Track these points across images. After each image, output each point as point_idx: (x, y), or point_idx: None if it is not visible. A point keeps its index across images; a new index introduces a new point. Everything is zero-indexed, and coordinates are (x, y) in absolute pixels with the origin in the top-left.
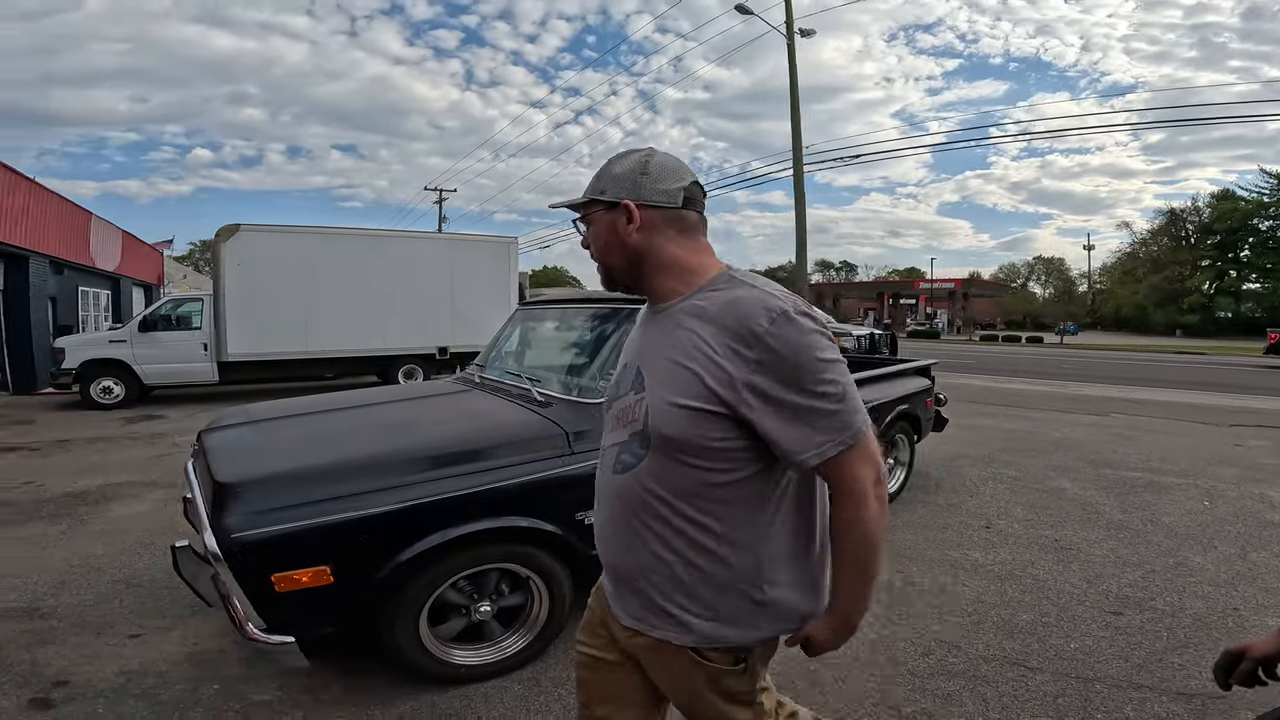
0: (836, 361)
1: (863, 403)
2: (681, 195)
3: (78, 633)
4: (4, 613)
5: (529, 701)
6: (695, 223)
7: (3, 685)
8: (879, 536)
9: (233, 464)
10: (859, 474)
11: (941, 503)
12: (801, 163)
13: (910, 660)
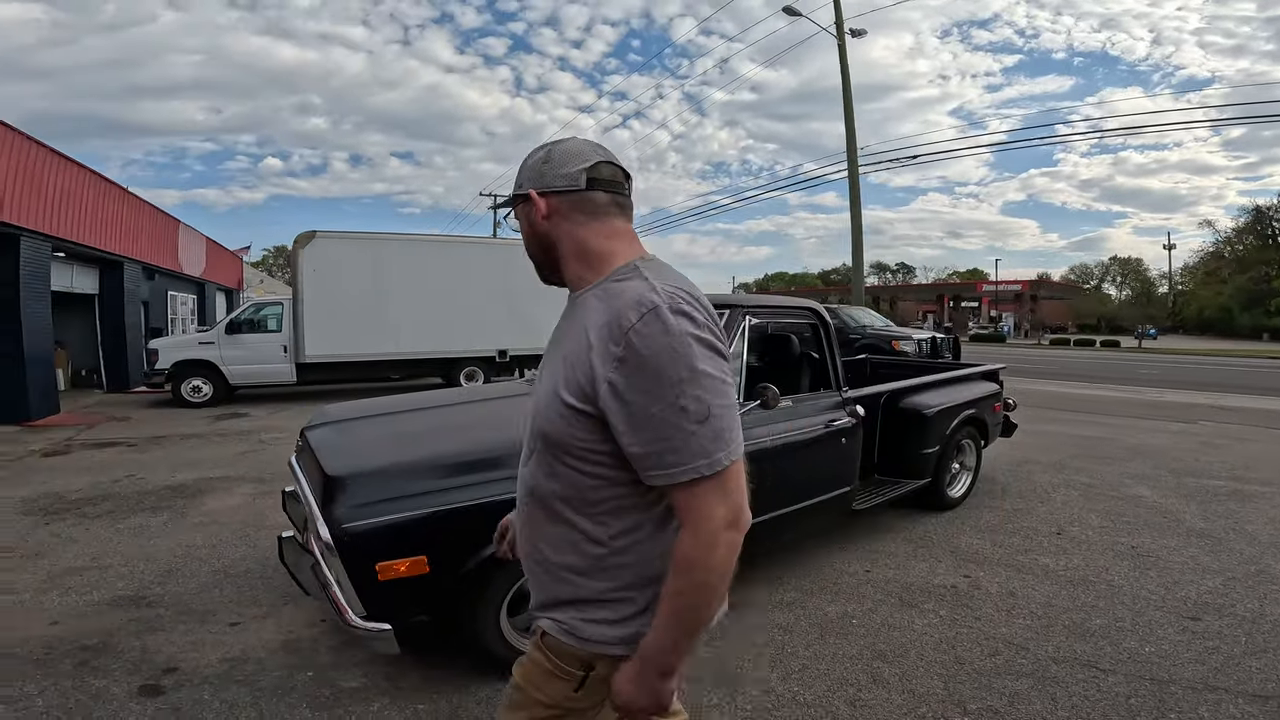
0: (710, 376)
1: (739, 432)
2: (584, 177)
3: (183, 620)
4: (115, 601)
5: None
6: (604, 204)
7: (114, 672)
8: (717, 585)
9: (339, 459)
10: (710, 510)
11: (1009, 508)
12: (856, 165)
13: (976, 660)
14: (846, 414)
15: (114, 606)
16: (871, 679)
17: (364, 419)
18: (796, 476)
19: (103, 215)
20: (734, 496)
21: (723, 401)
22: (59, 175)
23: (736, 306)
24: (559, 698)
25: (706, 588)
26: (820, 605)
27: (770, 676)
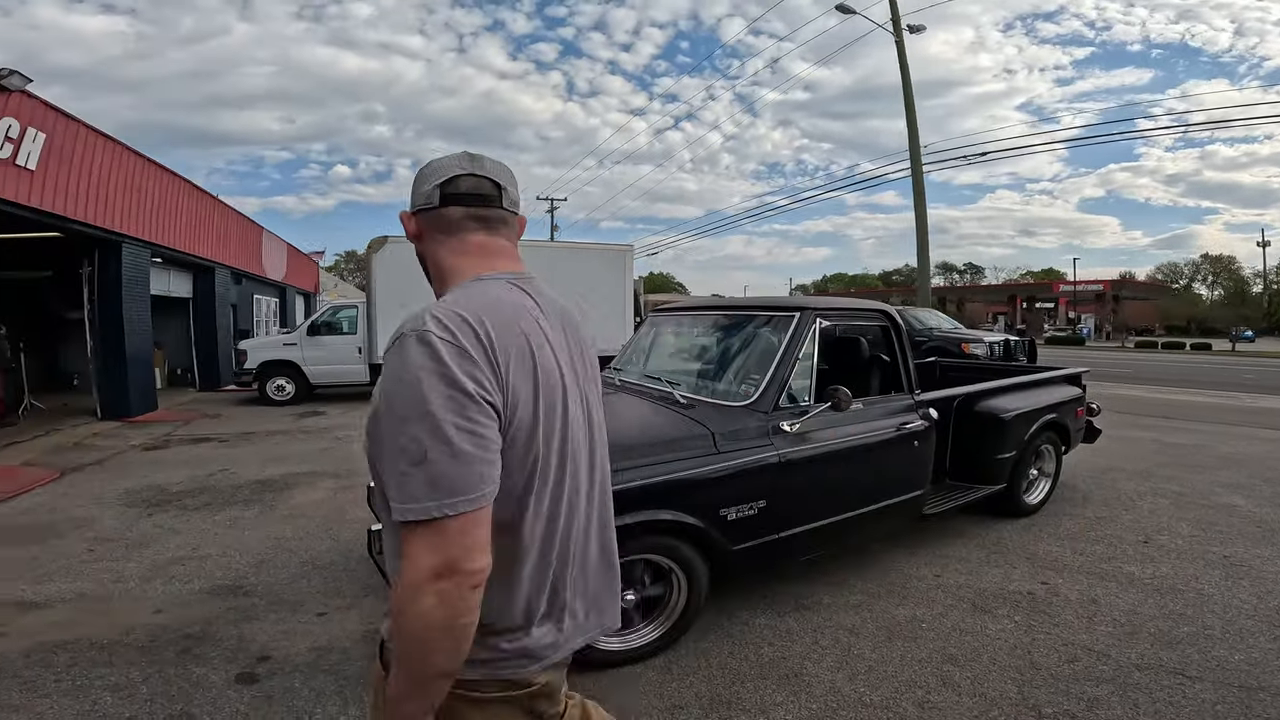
0: (436, 418)
1: (472, 481)
2: (437, 194)
3: (275, 610)
4: (214, 590)
5: (662, 687)
6: (459, 219)
7: (213, 660)
8: (426, 636)
9: None
10: (416, 559)
11: (1091, 515)
12: (920, 162)
13: (1052, 665)
14: (919, 417)
15: (213, 595)
16: (941, 682)
17: None
18: (866, 479)
19: (196, 222)
20: (449, 550)
21: (445, 448)
22: (157, 184)
23: (807, 309)
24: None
25: (413, 637)
26: (888, 609)
27: (836, 677)
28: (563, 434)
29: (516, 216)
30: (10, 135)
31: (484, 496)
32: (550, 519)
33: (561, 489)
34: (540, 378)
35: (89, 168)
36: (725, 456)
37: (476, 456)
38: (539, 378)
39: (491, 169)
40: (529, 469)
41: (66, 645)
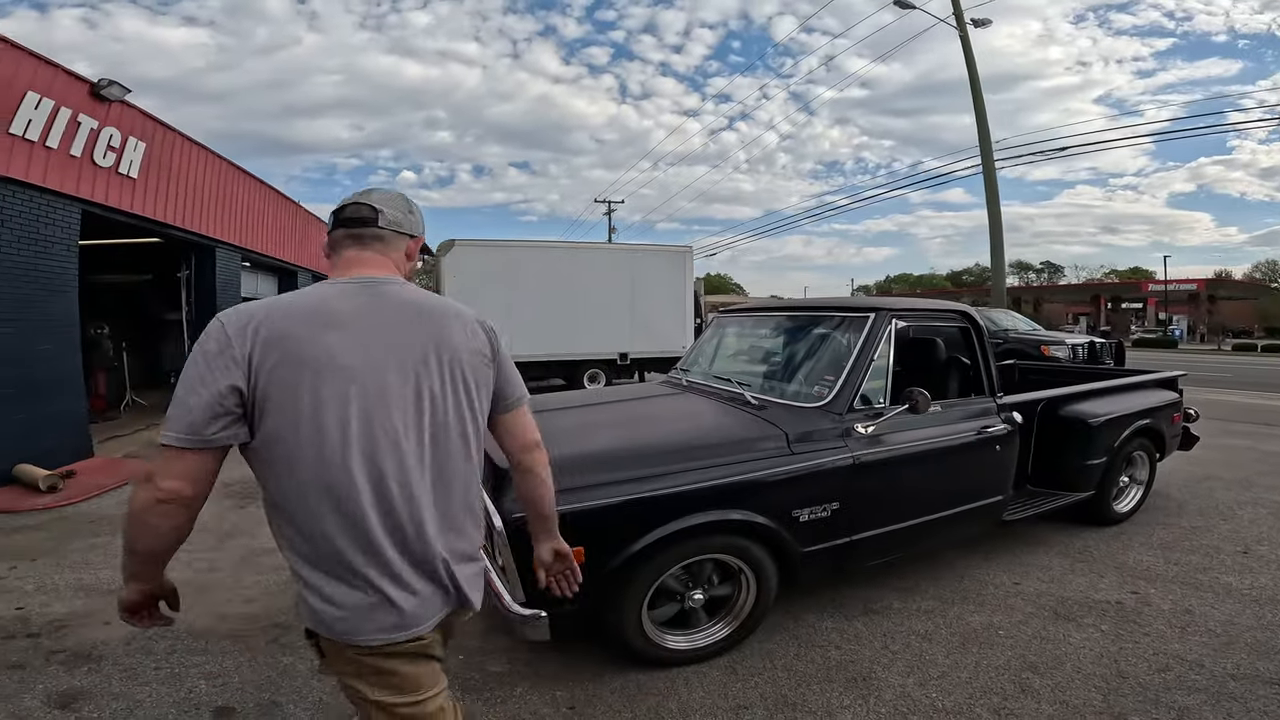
0: (187, 372)
1: (184, 423)
2: (332, 219)
3: None
4: (283, 586)
5: (727, 688)
6: (340, 240)
7: (299, 650)
8: (128, 524)
9: None
10: (147, 466)
11: (1186, 525)
12: (992, 158)
13: (1141, 674)
14: (1002, 420)
15: (283, 593)
16: (1019, 689)
17: None
18: (943, 483)
19: (280, 228)
20: (159, 466)
21: (182, 393)
22: (245, 191)
23: (882, 310)
24: None
25: (128, 519)
26: (962, 615)
27: (906, 682)
28: (314, 407)
29: (400, 235)
30: (112, 144)
31: (182, 439)
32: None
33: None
34: (285, 359)
35: (185, 175)
36: (798, 458)
37: (192, 406)
38: (286, 359)
39: (376, 198)
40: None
41: (166, 633)
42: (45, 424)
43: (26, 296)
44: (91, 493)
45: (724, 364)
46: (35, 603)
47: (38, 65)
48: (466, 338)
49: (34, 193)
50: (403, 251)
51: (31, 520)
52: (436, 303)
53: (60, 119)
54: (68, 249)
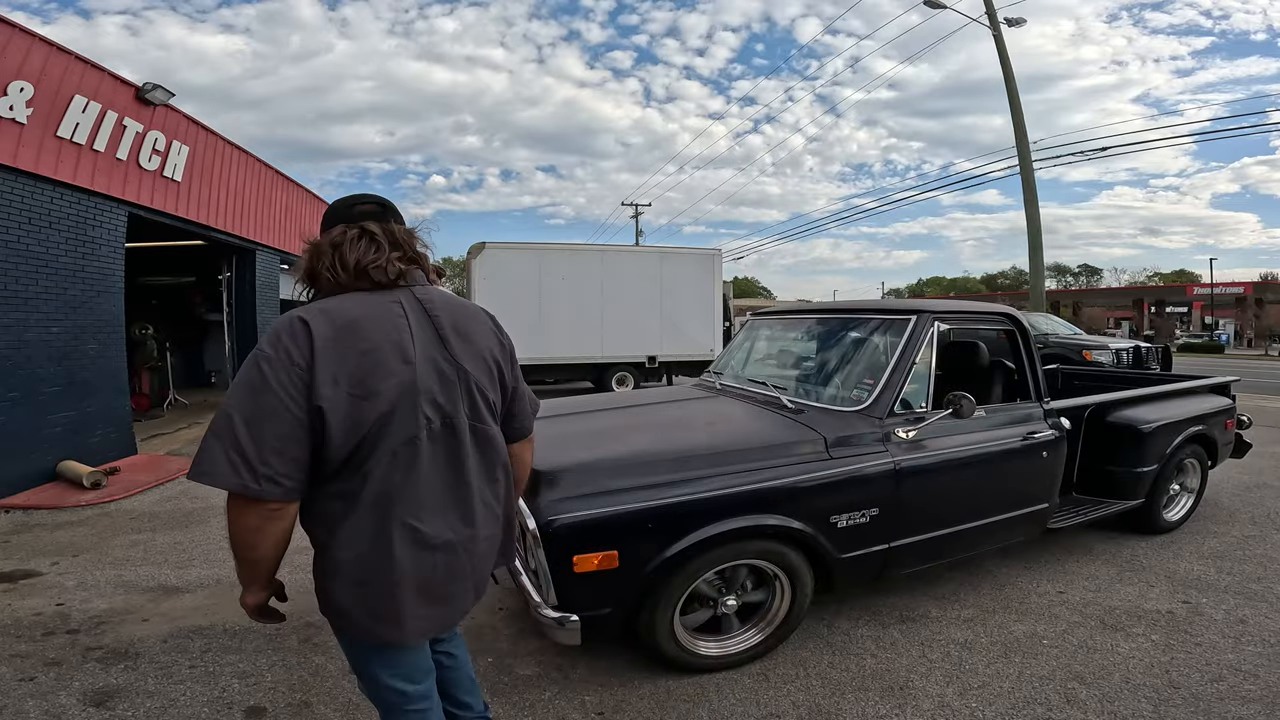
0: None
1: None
2: None
3: None
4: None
5: (758, 695)
6: None
7: (331, 649)
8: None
9: (544, 453)
10: None
11: (1238, 534)
12: (1029, 158)
13: (1193, 685)
14: (1049, 426)
15: (308, 593)
16: (1065, 699)
17: (559, 417)
18: (987, 490)
19: (318, 230)
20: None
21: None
22: (284, 194)
23: (924, 312)
24: None
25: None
26: (1004, 624)
27: (945, 691)
28: None
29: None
30: (157, 148)
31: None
32: None
33: None
34: None
35: (226, 179)
36: (837, 462)
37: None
38: None
39: None
40: None
41: (202, 631)
42: (90, 422)
43: (74, 297)
44: (134, 490)
45: (758, 367)
46: (76, 599)
47: (85, 69)
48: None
49: (81, 195)
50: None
51: (75, 516)
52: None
53: (107, 122)
54: (114, 251)
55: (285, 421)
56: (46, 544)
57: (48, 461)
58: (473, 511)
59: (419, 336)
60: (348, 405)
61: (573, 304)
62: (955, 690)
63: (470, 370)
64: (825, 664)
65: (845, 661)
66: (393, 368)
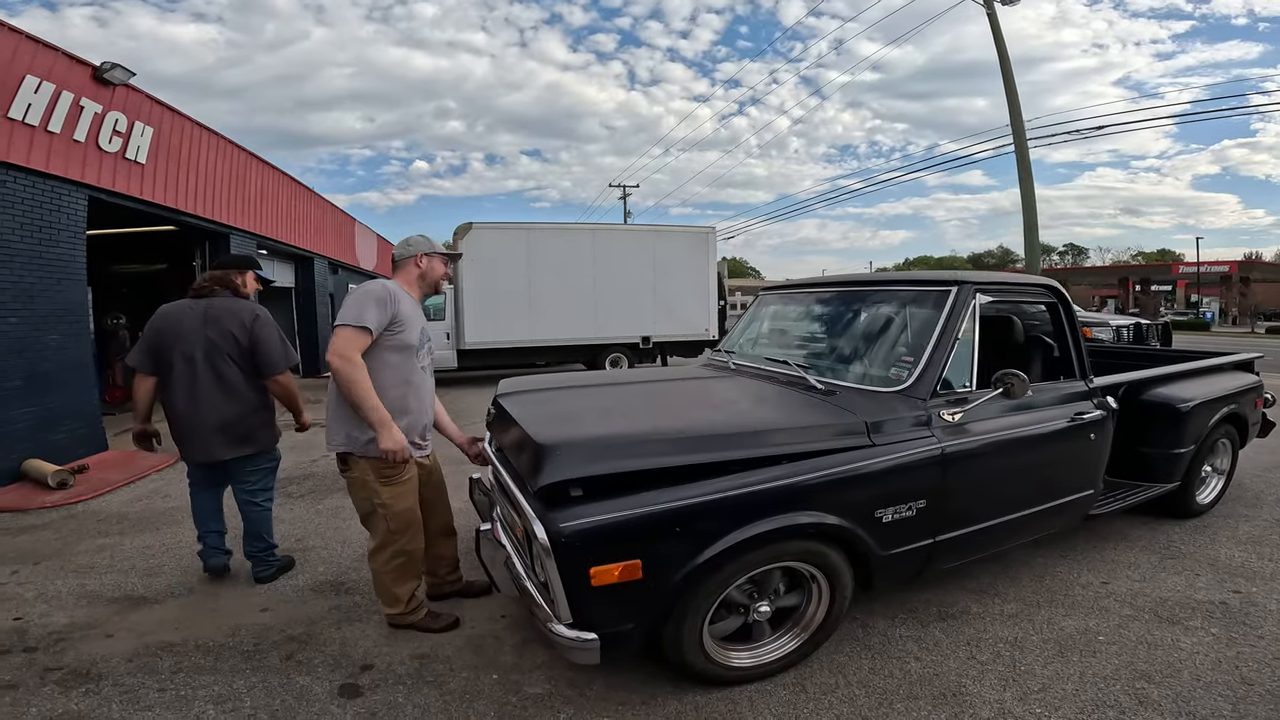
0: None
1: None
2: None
3: (376, 611)
4: (317, 586)
5: (796, 708)
6: None
7: (317, 668)
8: None
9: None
10: None
11: (1269, 517)
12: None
13: (1268, 681)
14: (1095, 406)
15: (316, 593)
16: (1136, 700)
17: (556, 390)
18: (1036, 476)
19: (295, 214)
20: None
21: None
22: (259, 177)
23: (965, 283)
24: None
25: None
26: (1052, 619)
27: (1003, 696)
28: None
29: (402, 260)
30: (118, 129)
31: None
32: None
33: None
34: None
35: (196, 161)
36: (881, 449)
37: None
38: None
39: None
40: None
41: (173, 647)
42: (55, 417)
43: (32, 285)
44: (103, 489)
45: (773, 345)
46: (35, 612)
47: (36, 49)
48: None
49: (36, 178)
50: (411, 265)
51: (39, 519)
52: None
53: (62, 103)
54: (75, 236)
55: None
56: (6, 550)
57: (11, 461)
58: (196, 401)
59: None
60: None
61: (563, 284)
62: (1014, 695)
63: (211, 335)
64: (866, 670)
65: (887, 666)
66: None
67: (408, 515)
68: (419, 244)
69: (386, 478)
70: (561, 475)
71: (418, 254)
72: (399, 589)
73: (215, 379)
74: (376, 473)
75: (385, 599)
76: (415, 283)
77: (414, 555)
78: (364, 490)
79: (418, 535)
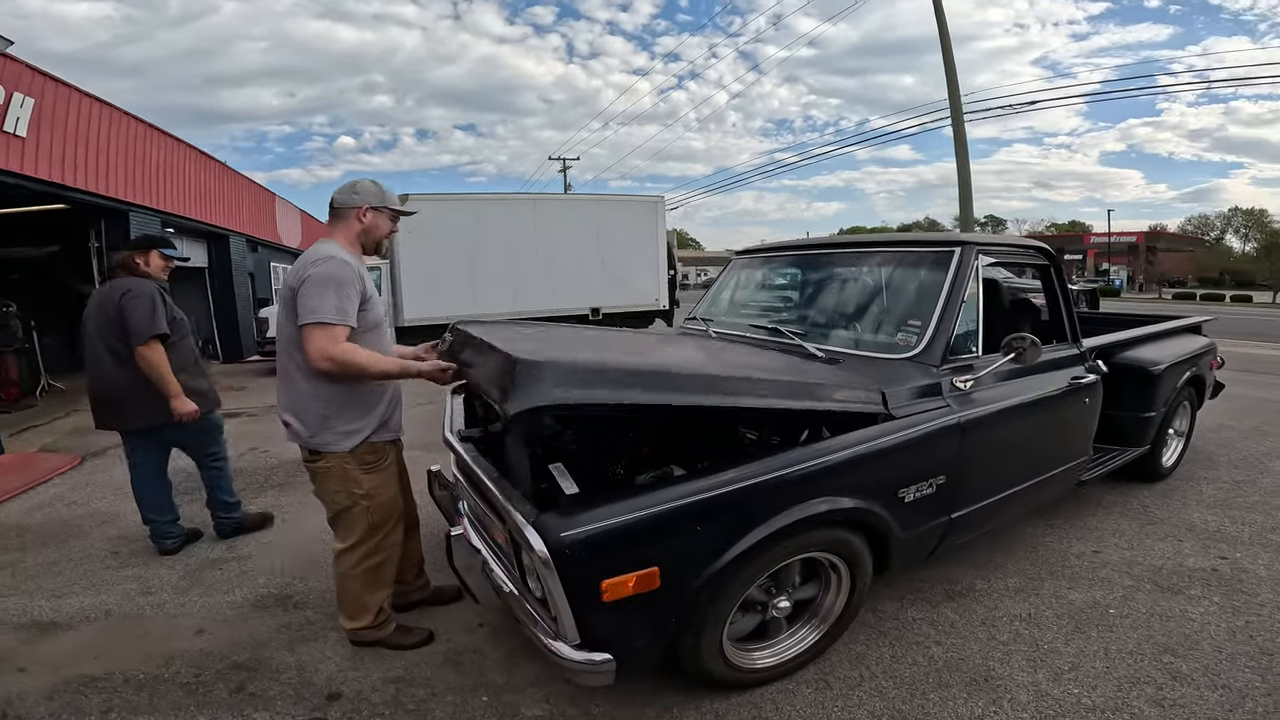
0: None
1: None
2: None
3: (335, 628)
4: (259, 601)
5: (826, 707)
6: None
7: (275, 701)
8: None
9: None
10: None
11: (1227, 479)
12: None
13: None
14: (1086, 370)
15: (259, 609)
16: (1169, 675)
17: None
18: (1043, 444)
19: (206, 189)
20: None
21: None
22: (162, 151)
23: (968, 244)
24: None
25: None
26: (1058, 592)
27: (1036, 678)
28: None
29: (344, 209)
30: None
31: None
32: None
33: None
34: None
35: (85, 134)
36: (902, 422)
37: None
38: None
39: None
40: None
41: (97, 683)
42: None
43: None
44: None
45: (755, 314)
46: None
47: None
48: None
49: None
50: (353, 218)
51: None
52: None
53: None
54: None
55: None
56: None
57: None
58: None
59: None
60: None
61: (506, 256)
62: (1046, 676)
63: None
64: (888, 658)
65: (909, 653)
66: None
67: (390, 507)
68: (368, 192)
69: (369, 464)
70: (546, 397)
71: (363, 205)
72: (370, 597)
73: (106, 354)
74: (358, 459)
75: (351, 610)
76: (354, 239)
77: (392, 556)
78: (342, 482)
79: (398, 531)
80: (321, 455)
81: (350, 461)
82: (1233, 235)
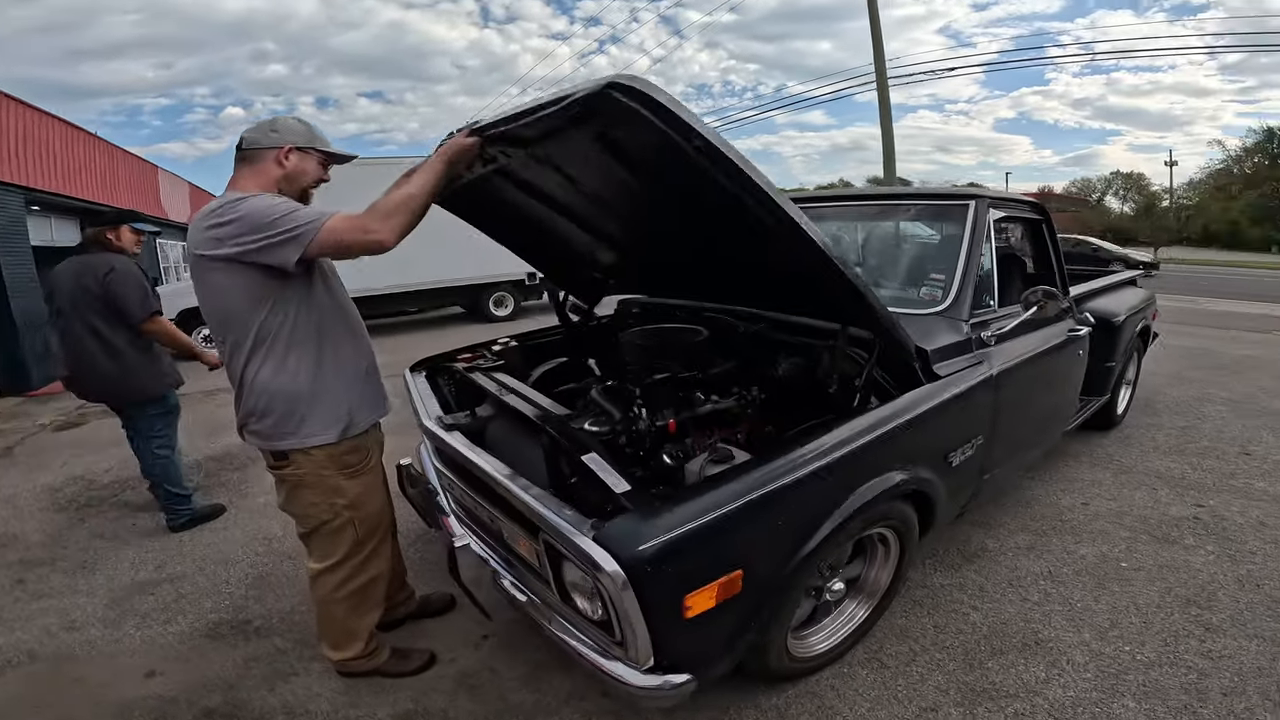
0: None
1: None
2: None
3: (313, 655)
4: (212, 630)
5: (886, 686)
6: None
7: None
8: None
9: None
10: None
11: (1171, 425)
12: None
13: None
14: (1077, 323)
15: (215, 640)
16: (1204, 628)
17: None
18: (1049, 396)
19: (74, 163)
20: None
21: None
22: (18, 121)
23: (981, 198)
24: None
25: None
26: (1065, 547)
27: (1084, 638)
28: None
29: (260, 149)
30: None
31: None
32: None
33: None
34: None
35: None
36: (945, 381)
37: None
38: None
39: (248, 128)
40: None
41: None
42: None
43: None
44: None
45: None
46: None
47: None
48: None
49: None
50: (270, 161)
51: None
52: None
53: None
54: None
55: None
56: None
57: None
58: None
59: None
60: None
61: (433, 222)
62: (1092, 634)
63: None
64: (931, 628)
65: (950, 621)
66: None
67: (379, 517)
68: (292, 130)
69: (352, 467)
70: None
71: (284, 145)
72: (358, 622)
73: (86, 334)
74: (337, 463)
75: (337, 639)
76: (271, 186)
77: (382, 573)
78: (319, 491)
79: (387, 544)
80: (288, 458)
81: (329, 466)
82: (1112, 196)
